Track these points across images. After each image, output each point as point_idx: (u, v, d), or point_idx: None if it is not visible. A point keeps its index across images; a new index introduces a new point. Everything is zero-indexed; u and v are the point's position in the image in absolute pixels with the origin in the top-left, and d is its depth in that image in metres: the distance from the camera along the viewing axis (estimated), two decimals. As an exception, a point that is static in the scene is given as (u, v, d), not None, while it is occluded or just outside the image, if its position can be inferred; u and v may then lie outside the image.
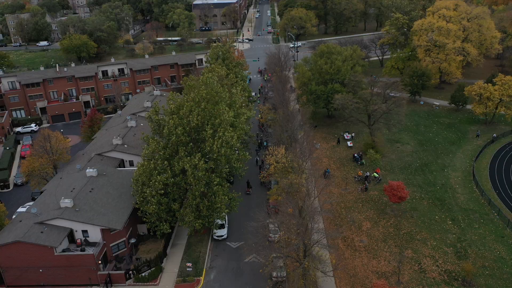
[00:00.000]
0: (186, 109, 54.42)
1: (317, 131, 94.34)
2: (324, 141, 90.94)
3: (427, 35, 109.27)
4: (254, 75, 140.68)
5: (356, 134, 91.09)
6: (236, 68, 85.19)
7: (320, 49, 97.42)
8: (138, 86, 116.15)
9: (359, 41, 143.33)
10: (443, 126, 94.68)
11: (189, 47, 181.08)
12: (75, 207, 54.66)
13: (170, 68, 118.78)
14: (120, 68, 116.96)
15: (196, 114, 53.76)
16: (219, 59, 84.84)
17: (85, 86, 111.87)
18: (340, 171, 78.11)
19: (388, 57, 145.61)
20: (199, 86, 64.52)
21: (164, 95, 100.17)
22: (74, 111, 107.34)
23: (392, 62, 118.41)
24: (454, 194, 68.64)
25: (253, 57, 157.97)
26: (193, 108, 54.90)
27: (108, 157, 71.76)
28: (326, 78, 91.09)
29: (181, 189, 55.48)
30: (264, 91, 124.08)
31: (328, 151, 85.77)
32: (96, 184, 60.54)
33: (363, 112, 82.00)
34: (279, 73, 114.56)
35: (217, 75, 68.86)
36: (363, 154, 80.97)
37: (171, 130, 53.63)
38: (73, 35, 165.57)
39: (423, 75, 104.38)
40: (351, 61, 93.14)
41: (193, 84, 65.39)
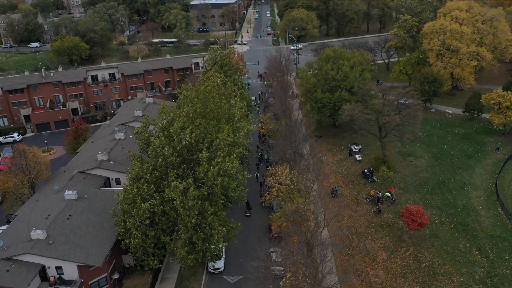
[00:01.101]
0: (177, 125, 47.18)
1: (321, 142, 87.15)
2: (330, 153, 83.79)
3: (438, 38, 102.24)
4: (253, 79, 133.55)
5: (364, 146, 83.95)
6: (235, 75, 77.97)
7: (326, 53, 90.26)
8: (130, 92, 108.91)
9: (364, 43, 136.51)
10: (458, 137, 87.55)
11: (186, 49, 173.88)
12: (49, 239, 47.38)
13: (165, 72, 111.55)
14: (111, 73, 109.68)
15: (189, 132, 46.51)
16: (217, 64, 77.63)
17: (73, 92, 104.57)
18: (349, 189, 70.95)
19: (394, 60, 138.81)
20: (193, 97, 57.42)
21: (157, 103, 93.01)
22: (60, 119, 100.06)
23: (400, 67, 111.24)
24: (477, 217, 61.52)
25: (253, 59, 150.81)
26: (185, 125, 47.68)
27: (92, 175, 64.52)
28: (332, 85, 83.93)
29: (171, 219, 48.21)
30: (265, 97, 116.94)
31: (335, 166, 78.61)
32: (75, 209, 53.26)
33: (374, 124, 74.80)
34: (280, 78, 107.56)
35: (215, 85, 61.64)
36: (373, 170, 73.83)
37: (157, 150, 46.38)
38: (64, 36, 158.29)
39: (434, 81, 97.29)
40: (359, 66, 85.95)
41: (188, 94, 58.23)
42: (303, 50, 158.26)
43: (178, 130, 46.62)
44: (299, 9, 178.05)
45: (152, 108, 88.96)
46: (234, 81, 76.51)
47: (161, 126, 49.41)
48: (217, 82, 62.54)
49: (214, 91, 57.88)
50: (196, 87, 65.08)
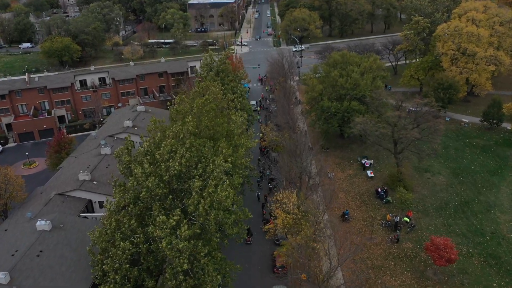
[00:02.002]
0: (165, 149, 39.66)
1: (328, 155, 79.82)
2: (338, 168, 76.33)
3: (453, 41, 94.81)
4: (254, 83, 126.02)
5: (375, 160, 76.51)
6: (234, 82, 70.39)
7: (333, 58, 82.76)
8: (122, 99, 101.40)
9: (370, 45, 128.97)
10: (477, 149, 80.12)
11: (183, 51, 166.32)
12: (12, 283, 39.94)
13: (159, 77, 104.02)
14: (101, 77, 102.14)
15: (179, 157, 39.01)
16: (213, 71, 70.05)
17: (60, 99, 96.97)
18: (361, 211, 63.54)
19: (401, 63, 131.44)
20: (187, 111, 50.03)
21: (149, 111, 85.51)
22: (45, 128, 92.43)
23: (411, 71, 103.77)
24: (510, 247, 54.13)
25: (253, 62, 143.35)
26: (174, 148, 40.18)
27: (72, 197, 57.05)
28: (341, 93, 76.43)
29: (158, 257, 40.69)
30: (266, 103, 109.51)
31: (345, 183, 71.14)
32: (48, 243, 45.79)
33: (388, 137, 67.28)
34: (283, 83, 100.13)
35: (213, 97, 54.21)
36: (388, 189, 66.40)
37: (139, 181, 38.87)
38: (55, 37, 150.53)
39: (450, 87, 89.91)
40: (370, 73, 78.43)
41: (181, 109, 50.86)
42: (305, 52, 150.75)
43: (166, 155, 39.09)
44: (301, 8, 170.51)
45: (144, 118, 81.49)
46: (232, 88, 69.00)
47: (144, 150, 41.89)
48: (216, 93, 55.06)
49: (211, 105, 50.45)
50: (191, 97, 57.79)
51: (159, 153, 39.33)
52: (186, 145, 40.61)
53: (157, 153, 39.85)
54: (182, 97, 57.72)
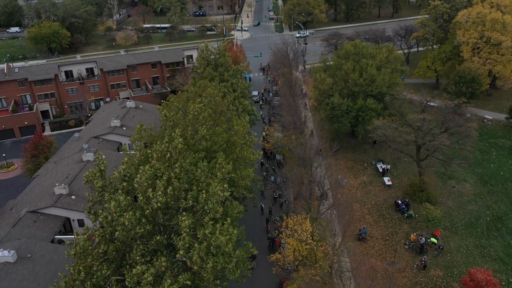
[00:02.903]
0: (143, 176, 31.27)
1: (339, 157, 71.84)
2: (351, 172, 68.34)
3: (475, 29, 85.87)
4: (255, 73, 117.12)
5: (392, 165, 68.48)
6: (234, 78, 61.70)
7: (345, 49, 73.93)
8: (112, 91, 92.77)
9: (381, 32, 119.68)
10: (504, 151, 72.06)
11: (180, 36, 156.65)
12: None
13: (152, 67, 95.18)
14: (89, 68, 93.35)
15: (163, 186, 30.77)
16: (210, 65, 61.35)
17: (43, 92, 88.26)
18: (380, 227, 55.73)
19: (414, 50, 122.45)
20: (179, 119, 41.77)
21: (141, 107, 77.12)
22: (27, 125, 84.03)
23: (428, 62, 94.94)
24: (556, 277, 46.61)
25: (254, 49, 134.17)
26: (159, 172, 32.00)
27: (47, 215, 49.10)
28: (354, 89, 67.92)
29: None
30: (268, 96, 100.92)
31: (359, 192, 63.22)
32: (11, 279, 38.02)
33: (410, 143, 58.99)
34: (288, 74, 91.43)
35: (210, 100, 45.83)
36: (410, 201, 58.50)
37: (114, 217, 30.70)
38: (42, 22, 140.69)
39: (473, 80, 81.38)
40: (387, 65, 69.74)
41: (171, 116, 42.58)
42: (310, 38, 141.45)
43: (145, 183, 30.86)
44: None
45: (134, 116, 73.18)
46: (232, 85, 60.47)
47: (119, 176, 33.62)
48: (214, 95, 46.68)
49: (208, 110, 42.16)
50: (184, 98, 49.43)
51: (138, 181, 31.10)
52: (174, 169, 32.40)
53: (135, 180, 31.61)
54: (172, 100, 49.27)
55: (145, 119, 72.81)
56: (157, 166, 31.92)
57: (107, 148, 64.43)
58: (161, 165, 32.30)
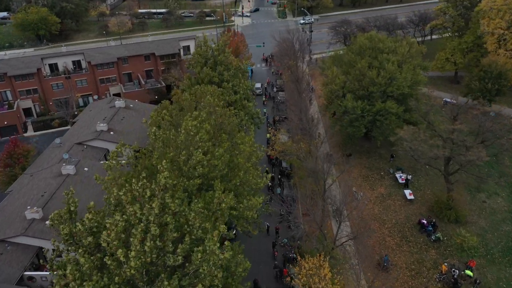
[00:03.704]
0: (114, 231, 23.76)
1: (352, 163, 64.40)
2: (366, 183, 60.97)
3: (501, 17, 77.55)
4: (257, 64, 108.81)
5: (413, 174, 61.05)
6: (236, 78, 53.55)
7: (359, 42, 65.70)
8: (101, 86, 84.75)
9: (393, 19, 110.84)
10: (537, 157, 64.59)
11: (177, 22, 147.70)
12: None
13: (145, 60, 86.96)
14: (76, 61, 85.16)
15: (138, 242, 23.36)
16: (208, 63, 53.24)
17: (25, 87, 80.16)
18: (403, 253, 48.55)
19: (427, 39, 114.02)
20: (170, 140, 34.29)
21: (131, 108, 69.36)
22: (6, 125, 76.31)
23: (447, 54, 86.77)
24: None
25: (255, 37, 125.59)
26: (134, 220, 24.54)
27: (16, 245, 41.90)
28: (371, 89, 60.06)
29: None
30: (272, 91, 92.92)
31: (377, 207, 55.91)
32: None
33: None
34: (294, 68, 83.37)
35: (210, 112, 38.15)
36: (436, 221, 51.21)
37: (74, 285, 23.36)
38: (31, 7, 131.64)
39: (500, 76, 73.44)
40: (409, 60, 61.67)
41: (161, 136, 34.99)
42: (315, 25, 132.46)
43: (115, 243, 23.37)
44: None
45: (123, 117, 65.47)
46: (233, 87, 52.52)
47: (84, 228, 26.00)
48: (214, 105, 38.96)
49: (206, 126, 34.55)
50: (178, 107, 41.84)
51: (104, 239, 23.63)
52: (155, 214, 24.91)
53: (103, 233, 24.12)
54: (164, 107, 41.60)
55: (136, 121, 65.10)
56: (131, 212, 24.42)
57: (92, 157, 56.94)
58: (137, 210, 24.80)
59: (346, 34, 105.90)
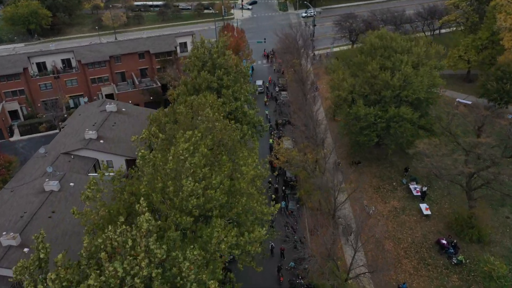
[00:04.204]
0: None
1: (361, 173, 59.89)
2: (377, 195, 56.26)
3: (520, 13, 72.46)
4: (258, 61, 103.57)
5: (428, 184, 56.28)
6: (237, 82, 48.35)
7: (370, 41, 60.54)
8: (93, 86, 79.62)
9: (400, 13, 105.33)
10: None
11: (174, 15, 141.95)
12: None
13: (139, 58, 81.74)
14: (65, 59, 79.97)
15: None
16: (206, 66, 48.05)
17: (10, 88, 75.02)
18: (422, 278, 43.99)
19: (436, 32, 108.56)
20: (159, 168, 29.65)
21: (123, 112, 64.44)
22: (-10, 129, 71.56)
23: (461, 51, 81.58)
24: None
25: (256, 31, 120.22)
26: (115, 284, 19.87)
27: (-10, 277, 37.29)
28: (384, 94, 55.11)
29: None
30: (274, 91, 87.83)
31: (390, 223, 51.26)
32: None
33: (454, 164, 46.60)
34: (298, 66, 78.44)
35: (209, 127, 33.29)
36: (458, 241, 46.59)
37: None
38: (21, 0, 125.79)
39: (518, 76, 68.57)
40: (426, 64, 56.64)
41: (151, 160, 30.25)
42: (318, 18, 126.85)
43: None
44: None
45: (115, 123, 60.57)
46: (234, 93, 47.46)
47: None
48: (214, 119, 34.06)
49: (202, 150, 29.75)
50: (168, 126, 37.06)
51: None
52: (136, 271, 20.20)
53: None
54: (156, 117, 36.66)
55: (128, 127, 60.26)
56: (110, 272, 19.73)
57: (79, 169, 52.16)
58: (119, 267, 20.09)
59: (351, 29, 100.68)
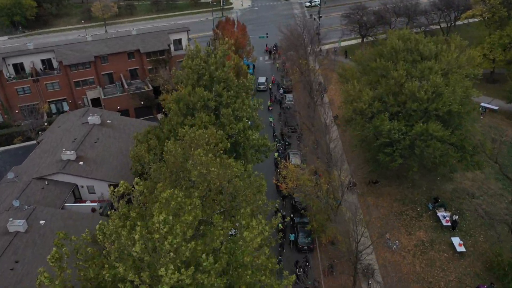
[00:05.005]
0: None
1: (379, 194, 52.61)
2: (400, 223, 48.74)
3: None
4: (260, 57, 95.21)
5: (459, 214, 48.67)
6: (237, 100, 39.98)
7: (391, 44, 52.33)
8: (76, 90, 71.44)
9: (414, 5, 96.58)
10: None
11: (170, 5, 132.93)
12: None
13: (129, 58, 73.39)
14: (46, 59, 71.67)
15: None
16: (204, 79, 39.70)
17: (-17, 94, 67.12)
18: (461, 337, 36.88)
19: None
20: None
21: (108, 124, 56.49)
22: (-40, 141, 63.60)
23: (485, 50, 73.49)
24: None
25: (256, 22, 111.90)
26: None
27: None
28: (409, 106, 47.24)
29: None
30: (278, 92, 79.70)
31: (417, 261, 43.86)
32: None
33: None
34: (305, 67, 70.49)
35: (202, 173, 25.69)
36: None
37: None
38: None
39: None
40: (457, 72, 48.65)
41: (114, 233, 22.67)
42: (323, 9, 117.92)
43: None
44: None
45: (98, 139, 52.70)
46: (235, 111, 39.43)
47: None
48: (207, 163, 26.33)
49: (196, 201, 22.19)
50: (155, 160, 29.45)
51: None
52: None
53: None
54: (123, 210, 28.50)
55: (113, 144, 52.44)
56: None
57: (54, 198, 44.54)
58: None
59: (361, 23, 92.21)
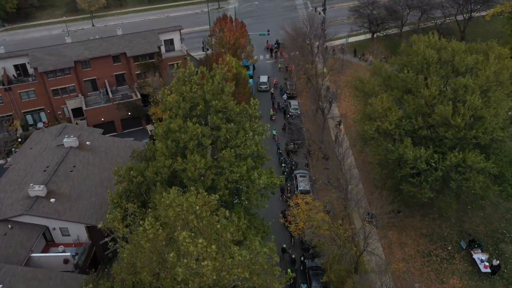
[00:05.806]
0: None
1: (402, 228, 45.44)
2: (429, 266, 41.66)
3: None
4: (261, 56, 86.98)
5: (499, 255, 41.72)
6: (238, 136, 31.80)
7: (423, 54, 44.24)
8: (55, 99, 63.28)
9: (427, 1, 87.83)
10: None
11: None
12: None
13: (114, 62, 65.11)
14: (19, 65, 63.36)
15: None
16: (198, 108, 31.51)
17: None
18: None
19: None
20: None
21: (87, 148, 48.62)
22: None
23: (509, 50, 65.73)
24: None
25: (255, 15, 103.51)
26: None
27: None
28: (442, 133, 39.66)
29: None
30: (281, 97, 71.71)
31: (454, 320, 37.00)
32: None
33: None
34: (312, 71, 62.83)
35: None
36: None
37: None
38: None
39: None
40: (498, 89, 41.03)
41: None
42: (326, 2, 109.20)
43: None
44: None
45: (74, 167, 44.91)
46: (236, 149, 31.57)
47: None
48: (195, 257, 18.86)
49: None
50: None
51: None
52: None
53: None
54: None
55: (92, 173, 44.66)
56: None
57: (18, 247, 36.97)
58: None
59: (372, 18, 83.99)
